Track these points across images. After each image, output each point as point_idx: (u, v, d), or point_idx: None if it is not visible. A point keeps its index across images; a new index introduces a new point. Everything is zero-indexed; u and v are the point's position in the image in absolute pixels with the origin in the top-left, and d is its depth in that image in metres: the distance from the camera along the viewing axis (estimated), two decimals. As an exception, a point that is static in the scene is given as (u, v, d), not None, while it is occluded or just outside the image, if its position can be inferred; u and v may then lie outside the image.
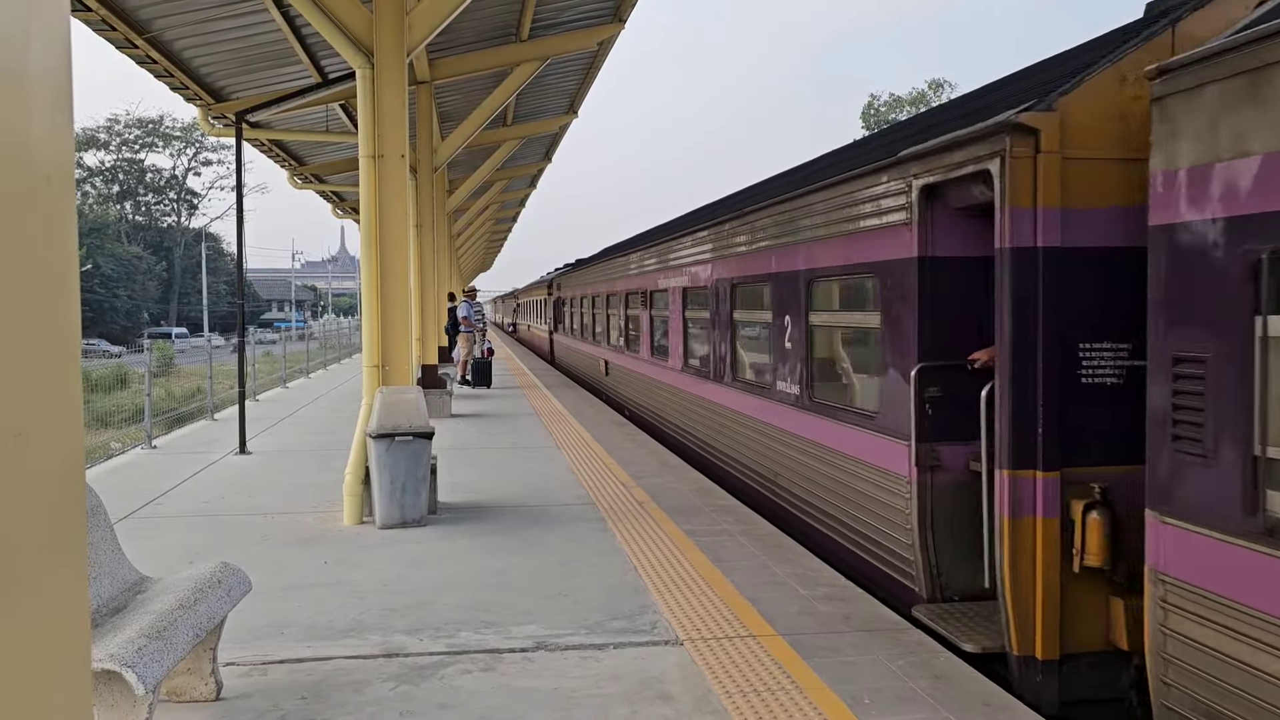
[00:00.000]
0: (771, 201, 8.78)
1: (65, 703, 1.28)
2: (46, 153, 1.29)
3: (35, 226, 1.25)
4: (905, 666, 4.90)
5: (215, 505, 9.09)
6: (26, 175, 1.23)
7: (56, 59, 1.31)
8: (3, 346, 1.16)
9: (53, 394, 1.29)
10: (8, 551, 1.15)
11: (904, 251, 6.15)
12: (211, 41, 12.28)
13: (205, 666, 4.54)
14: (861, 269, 6.89)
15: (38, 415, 1.25)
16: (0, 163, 1.17)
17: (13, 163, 1.20)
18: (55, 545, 1.28)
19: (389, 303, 8.40)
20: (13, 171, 1.20)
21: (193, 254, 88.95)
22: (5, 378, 1.16)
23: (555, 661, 5.04)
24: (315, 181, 22.95)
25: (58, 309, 1.30)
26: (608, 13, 15.15)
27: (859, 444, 6.84)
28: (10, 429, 1.17)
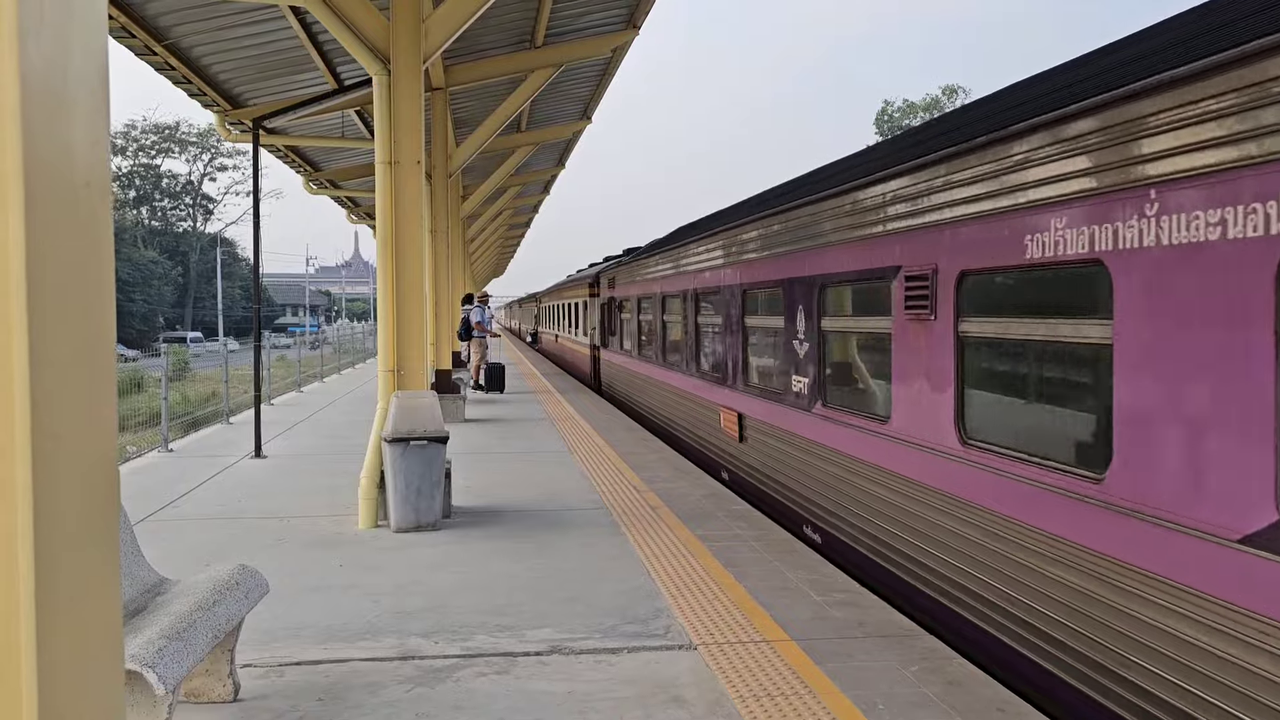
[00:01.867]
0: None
1: (102, 699, 1.31)
2: (84, 161, 1.32)
3: (74, 234, 1.28)
4: (919, 672, 4.90)
5: (231, 508, 9.15)
6: (66, 183, 1.27)
7: (95, 70, 1.34)
8: (43, 351, 1.18)
9: (90, 398, 1.32)
10: (48, 551, 1.18)
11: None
12: (229, 48, 12.39)
13: (223, 668, 4.59)
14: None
15: (75, 419, 1.28)
16: (41, 172, 1.20)
17: (53, 172, 1.23)
18: (91, 544, 1.31)
19: (404, 307, 8.45)
20: (53, 180, 1.23)
21: (208, 258, 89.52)
22: (45, 382, 1.19)
23: (570, 665, 5.06)
24: (330, 187, 23.09)
25: (95, 314, 1.33)
26: (622, 20, 15.21)
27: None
28: (48, 432, 1.20)
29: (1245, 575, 3.53)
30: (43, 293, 1.18)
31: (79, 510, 1.28)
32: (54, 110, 1.22)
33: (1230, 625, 3.61)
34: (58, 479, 1.21)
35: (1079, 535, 4.54)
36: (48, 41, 1.20)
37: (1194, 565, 3.79)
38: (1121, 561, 4.23)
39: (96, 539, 1.34)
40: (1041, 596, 4.82)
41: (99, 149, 1.37)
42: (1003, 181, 5.16)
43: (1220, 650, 3.64)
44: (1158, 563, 4.00)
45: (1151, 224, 4.04)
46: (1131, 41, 4.88)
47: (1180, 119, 3.86)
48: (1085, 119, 4.47)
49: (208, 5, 10.34)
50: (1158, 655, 3.97)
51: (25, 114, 1.16)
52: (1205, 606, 3.72)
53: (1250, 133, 3.55)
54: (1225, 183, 3.64)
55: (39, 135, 1.19)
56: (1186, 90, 3.84)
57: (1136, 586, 4.13)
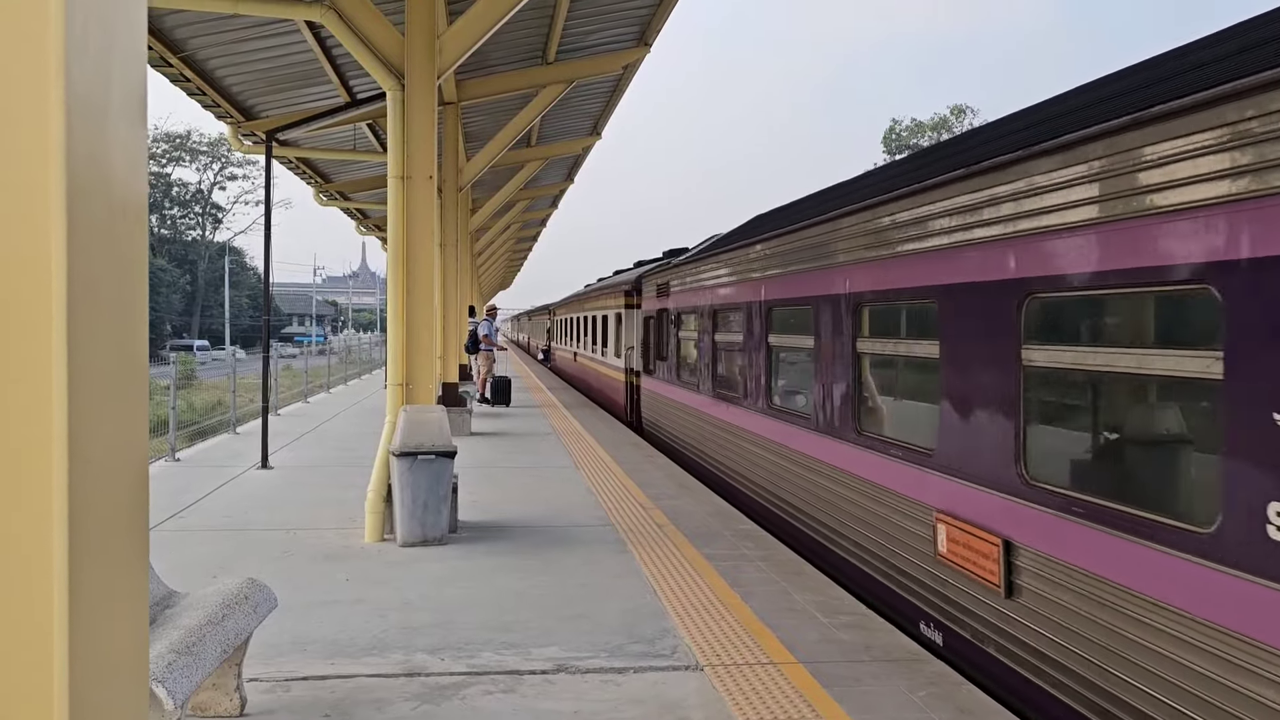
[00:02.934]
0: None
1: (130, 705, 1.33)
2: (123, 186, 1.34)
3: (112, 258, 1.29)
4: (927, 698, 4.87)
5: (238, 520, 9.16)
6: (105, 208, 1.28)
7: (135, 95, 1.36)
8: (80, 373, 1.20)
9: (124, 413, 1.34)
10: (80, 568, 1.19)
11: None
12: (244, 61, 12.48)
13: (230, 682, 4.58)
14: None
15: (110, 441, 1.29)
16: (82, 196, 1.22)
17: (94, 196, 1.25)
18: (122, 563, 1.33)
19: (414, 322, 8.47)
20: (93, 205, 1.25)
21: (216, 267, 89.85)
22: (81, 405, 1.20)
23: (576, 684, 5.05)
24: (340, 199, 23.19)
25: (130, 338, 1.34)
26: (633, 37, 15.30)
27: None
28: (84, 456, 1.21)
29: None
30: (80, 316, 1.20)
31: (112, 529, 1.30)
32: (96, 136, 1.24)
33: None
34: (90, 500, 1.22)
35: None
36: (90, 67, 1.21)
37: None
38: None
39: (128, 557, 1.36)
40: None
41: (137, 173, 1.38)
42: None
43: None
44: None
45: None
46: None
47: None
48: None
49: (223, 19, 10.42)
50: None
51: (69, 139, 1.17)
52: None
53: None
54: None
55: (81, 160, 1.20)
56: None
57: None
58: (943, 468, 5.89)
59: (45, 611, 1.16)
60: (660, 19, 14.45)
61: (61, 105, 1.16)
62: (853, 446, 7.32)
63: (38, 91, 1.15)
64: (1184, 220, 3.94)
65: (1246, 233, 3.63)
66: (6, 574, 1.14)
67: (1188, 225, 3.92)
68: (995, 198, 5.37)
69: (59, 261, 1.16)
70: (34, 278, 1.15)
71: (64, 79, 1.16)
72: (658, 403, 15.33)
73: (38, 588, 1.15)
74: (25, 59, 1.14)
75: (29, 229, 1.15)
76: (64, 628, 1.16)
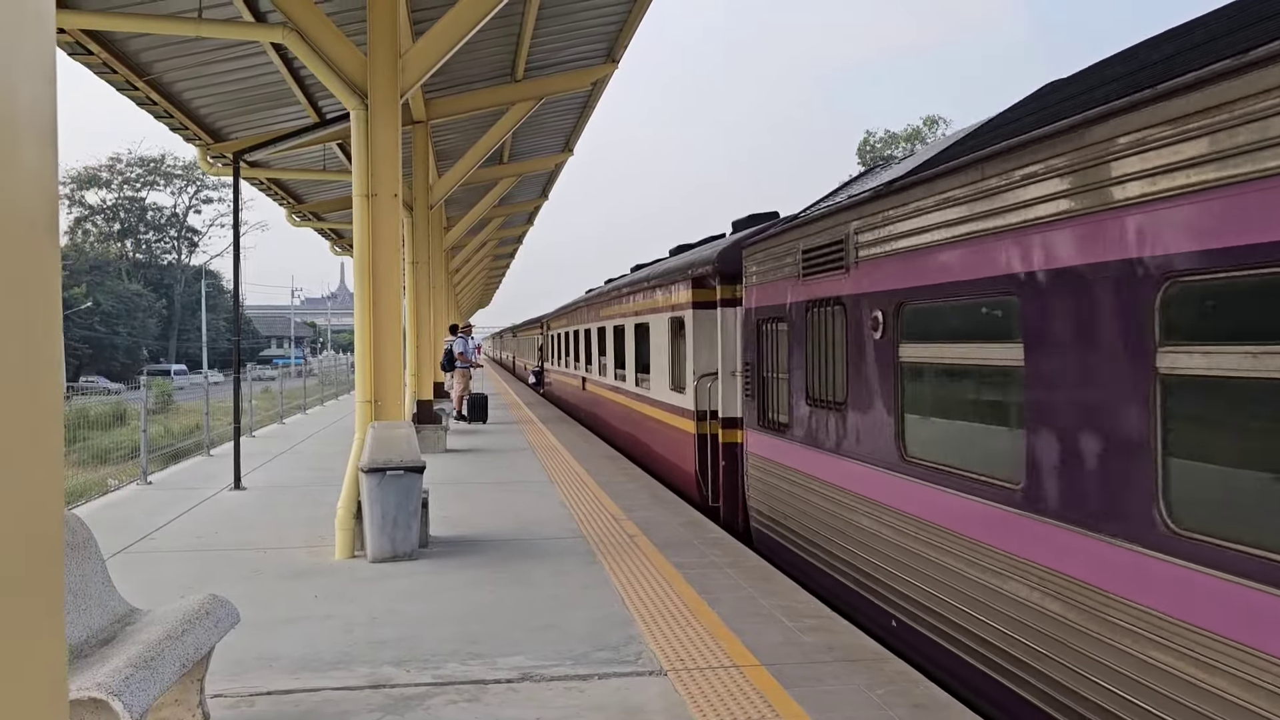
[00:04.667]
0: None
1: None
2: (33, 197, 1.36)
3: (22, 271, 1.31)
4: (885, 695, 4.95)
5: (208, 540, 9.15)
6: (12, 222, 1.31)
7: (43, 99, 1.36)
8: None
9: (34, 435, 1.33)
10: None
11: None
12: (211, 83, 12.53)
13: (193, 698, 4.60)
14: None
15: (19, 455, 1.29)
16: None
17: (3, 208, 1.27)
18: (31, 592, 1.29)
19: (381, 339, 8.51)
20: (3, 217, 1.27)
21: (192, 291, 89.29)
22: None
23: (539, 692, 5.09)
24: (313, 219, 23.21)
25: (43, 352, 1.35)
26: (601, 54, 15.44)
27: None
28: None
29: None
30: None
31: (19, 558, 1.26)
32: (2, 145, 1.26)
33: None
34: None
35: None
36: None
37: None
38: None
39: (38, 587, 1.31)
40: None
41: (47, 184, 1.39)
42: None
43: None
44: None
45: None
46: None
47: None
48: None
49: (189, 41, 10.47)
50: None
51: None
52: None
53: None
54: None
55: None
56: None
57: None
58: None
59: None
60: (627, 36, 14.60)
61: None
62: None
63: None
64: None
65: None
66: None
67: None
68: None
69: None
70: None
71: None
72: (796, 489, 7.96)
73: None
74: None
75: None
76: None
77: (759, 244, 9.07)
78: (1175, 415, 3.83)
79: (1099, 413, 4.23)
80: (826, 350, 7.22)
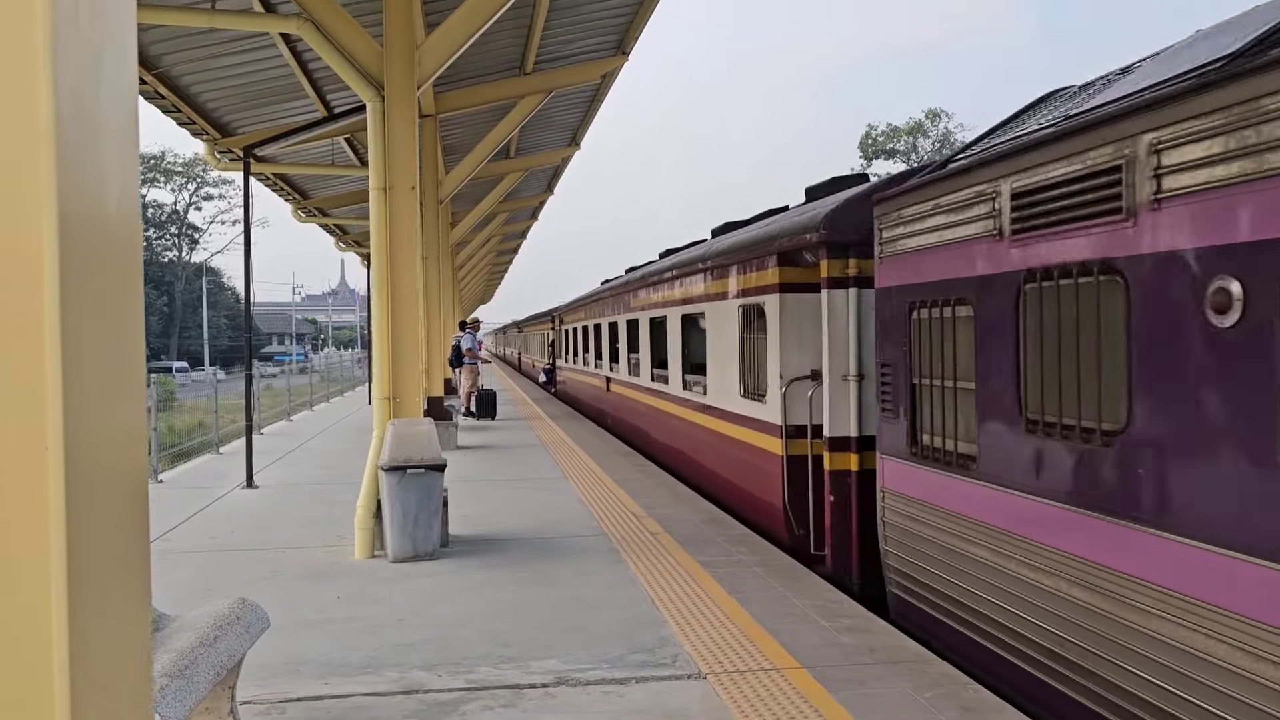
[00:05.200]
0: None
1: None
2: (116, 187, 1.29)
3: (106, 266, 1.24)
4: (933, 699, 4.82)
5: (224, 540, 9.02)
6: (98, 212, 1.23)
7: (126, 111, 1.31)
8: (77, 382, 1.15)
9: (123, 433, 1.30)
10: (80, 581, 1.14)
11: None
12: (219, 77, 12.39)
13: (224, 705, 4.47)
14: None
15: (109, 453, 1.25)
16: (74, 200, 1.16)
17: (86, 199, 1.20)
18: (123, 573, 1.28)
19: (399, 334, 8.38)
20: (86, 208, 1.19)
21: (193, 288, 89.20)
22: (79, 419, 1.15)
23: (577, 697, 4.96)
24: (319, 215, 23.06)
25: (127, 345, 1.30)
26: (611, 46, 15.28)
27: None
28: (82, 477, 1.16)
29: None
30: (77, 324, 1.14)
31: (112, 538, 1.25)
32: (87, 135, 1.17)
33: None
34: (92, 509, 1.17)
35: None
36: (80, 56, 1.15)
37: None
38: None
39: (129, 566, 1.31)
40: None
41: (129, 173, 1.32)
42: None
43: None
44: None
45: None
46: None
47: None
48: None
49: (199, 34, 10.32)
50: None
51: (60, 138, 1.11)
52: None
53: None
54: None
55: (71, 161, 1.14)
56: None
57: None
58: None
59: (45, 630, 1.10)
60: (638, 27, 14.44)
61: (51, 101, 1.10)
62: None
63: (27, 109, 1.09)
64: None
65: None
66: (4, 588, 1.08)
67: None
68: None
69: (51, 274, 1.11)
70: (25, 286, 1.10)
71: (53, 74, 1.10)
72: (990, 555, 5.53)
73: (36, 604, 1.10)
74: (13, 70, 1.09)
75: (21, 240, 1.10)
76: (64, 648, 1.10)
77: (906, 195, 6.52)
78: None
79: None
80: (1074, 347, 4.69)
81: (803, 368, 8.50)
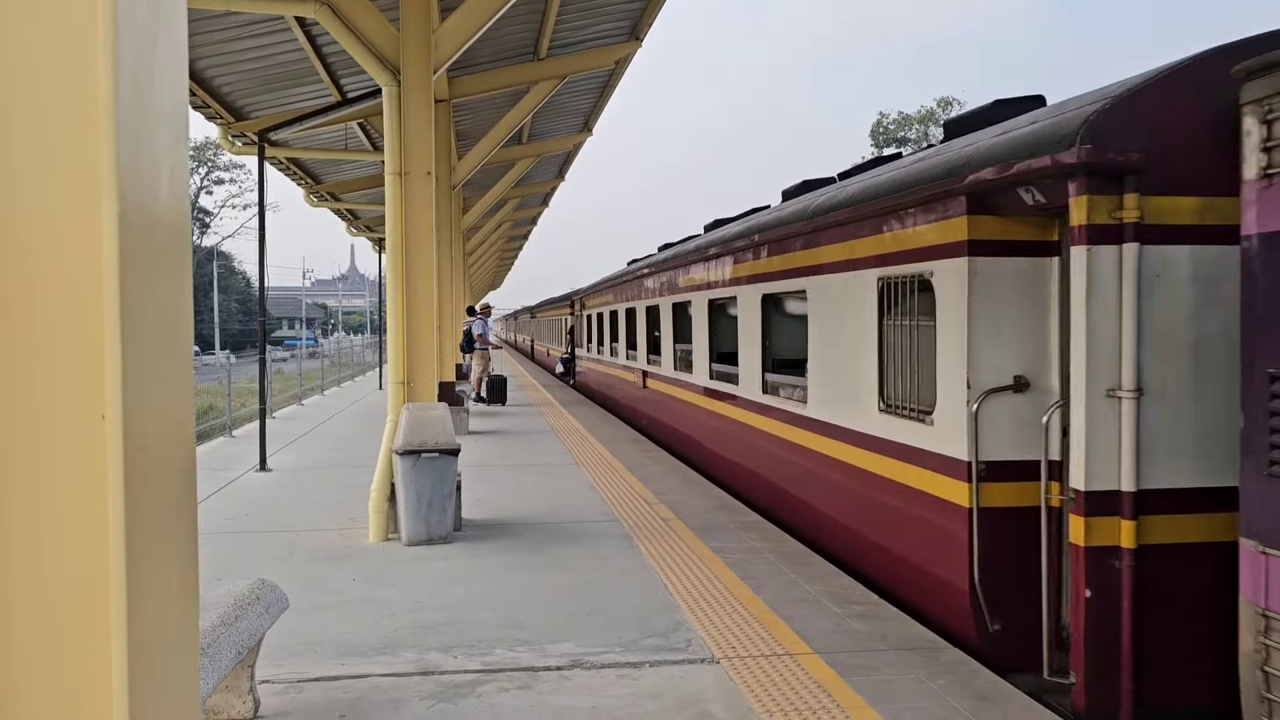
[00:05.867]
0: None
1: (184, 696, 1.32)
2: (168, 168, 1.31)
3: (158, 250, 1.27)
4: (946, 686, 4.84)
5: (239, 522, 9.08)
6: (151, 194, 1.25)
7: (177, 91, 1.33)
8: (133, 365, 1.19)
9: (172, 411, 1.32)
10: (137, 551, 1.17)
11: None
12: (233, 61, 12.39)
13: (244, 684, 4.52)
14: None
15: (160, 430, 1.28)
16: (131, 183, 1.19)
17: (141, 182, 1.23)
18: (174, 544, 1.32)
19: (414, 318, 8.40)
20: (140, 191, 1.22)
21: (204, 272, 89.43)
22: (134, 396, 1.19)
23: (592, 680, 5.00)
24: (331, 200, 23.07)
25: (178, 330, 1.33)
26: (625, 32, 15.23)
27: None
28: (137, 444, 1.19)
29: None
30: (134, 296, 1.17)
31: (164, 514, 1.30)
32: (142, 112, 1.20)
33: None
34: (146, 485, 1.20)
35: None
36: (137, 41, 1.18)
37: None
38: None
39: (179, 539, 1.36)
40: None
41: (180, 150, 1.34)
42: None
43: None
44: None
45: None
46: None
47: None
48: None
49: (213, 17, 10.32)
50: None
51: (120, 116, 1.14)
52: None
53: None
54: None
55: (128, 139, 1.17)
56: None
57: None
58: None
59: (102, 595, 1.13)
60: (652, 13, 14.39)
61: (113, 102, 1.13)
62: None
63: (87, 99, 1.12)
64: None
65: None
66: (63, 551, 1.11)
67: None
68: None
69: (110, 257, 1.14)
70: (88, 259, 1.12)
71: (114, 49, 1.13)
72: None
73: (94, 564, 1.13)
74: (77, 55, 1.12)
75: (84, 215, 1.13)
76: (121, 611, 1.13)
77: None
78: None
79: None
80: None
81: (1002, 373, 5.51)
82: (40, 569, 1.11)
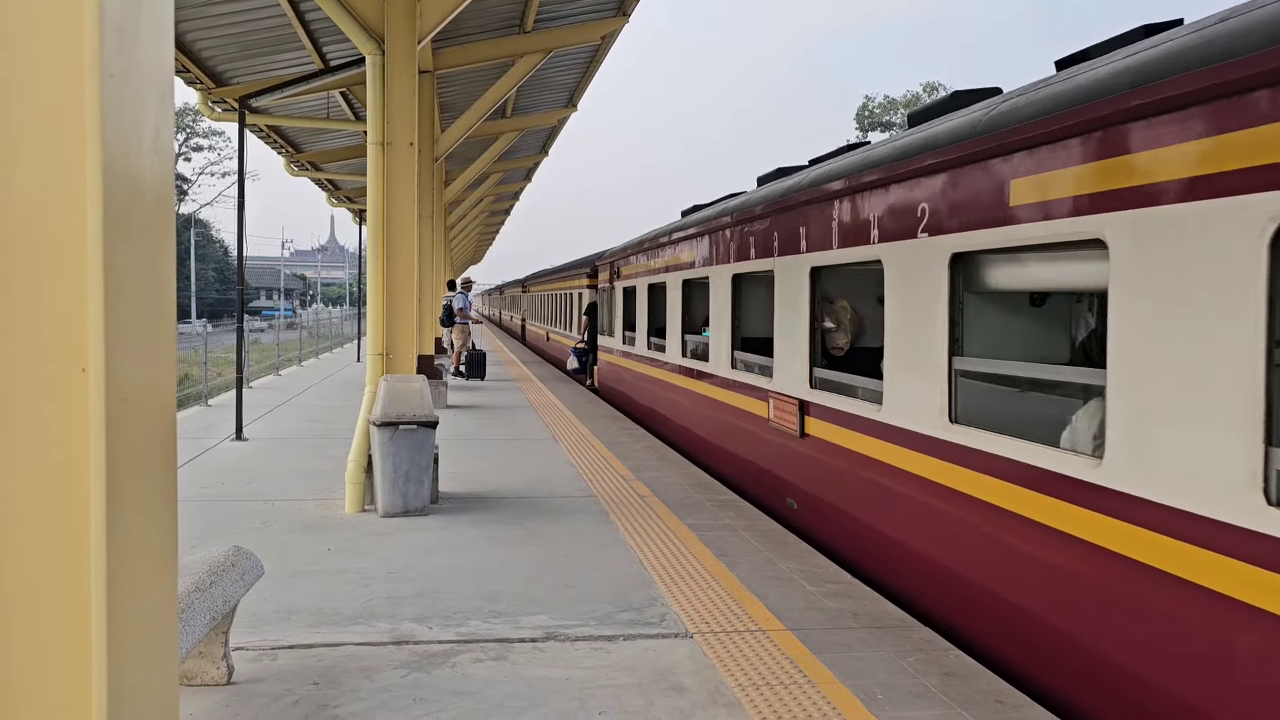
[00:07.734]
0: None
1: (161, 668, 1.31)
2: (151, 136, 1.31)
3: (143, 214, 1.27)
4: (916, 663, 4.91)
5: (214, 491, 9.04)
6: (135, 160, 1.25)
7: (163, 48, 1.32)
8: (115, 325, 1.19)
9: (153, 366, 1.32)
10: (117, 505, 1.17)
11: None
12: (213, 25, 12.21)
13: (217, 650, 4.52)
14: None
15: (141, 384, 1.28)
16: (115, 151, 1.19)
17: (125, 150, 1.22)
18: (154, 500, 1.31)
19: (394, 290, 8.37)
20: (125, 158, 1.22)
21: (181, 240, 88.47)
22: (117, 352, 1.19)
23: (566, 652, 5.04)
24: (312, 169, 22.85)
25: (159, 291, 1.33)
26: (612, 6, 15.13)
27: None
28: (119, 395, 1.19)
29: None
30: (116, 262, 1.17)
31: (146, 462, 1.30)
32: (127, 67, 1.19)
33: None
34: (127, 436, 1.21)
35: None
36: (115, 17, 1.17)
37: None
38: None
39: (159, 487, 1.37)
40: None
41: (165, 107, 1.33)
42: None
43: None
44: None
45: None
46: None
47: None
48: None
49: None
50: None
51: (104, 70, 1.13)
52: None
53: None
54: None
55: (112, 93, 1.16)
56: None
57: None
58: None
59: (83, 540, 1.14)
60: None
61: (98, 55, 1.13)
62: None
63: (73, 70, 1.11)
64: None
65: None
66: (44, 496, 1.12)
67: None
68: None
69: (95, 222, 1.15)
70: (71, 210, 1.12)
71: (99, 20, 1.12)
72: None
73: (75, 518, 1.13)
74: (58, 15, 1.12)
75: (65, 181, 1.14)
76: (101, 558, 1.14)
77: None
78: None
79: None
80: None
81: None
82: (20, 514, 1.11)
